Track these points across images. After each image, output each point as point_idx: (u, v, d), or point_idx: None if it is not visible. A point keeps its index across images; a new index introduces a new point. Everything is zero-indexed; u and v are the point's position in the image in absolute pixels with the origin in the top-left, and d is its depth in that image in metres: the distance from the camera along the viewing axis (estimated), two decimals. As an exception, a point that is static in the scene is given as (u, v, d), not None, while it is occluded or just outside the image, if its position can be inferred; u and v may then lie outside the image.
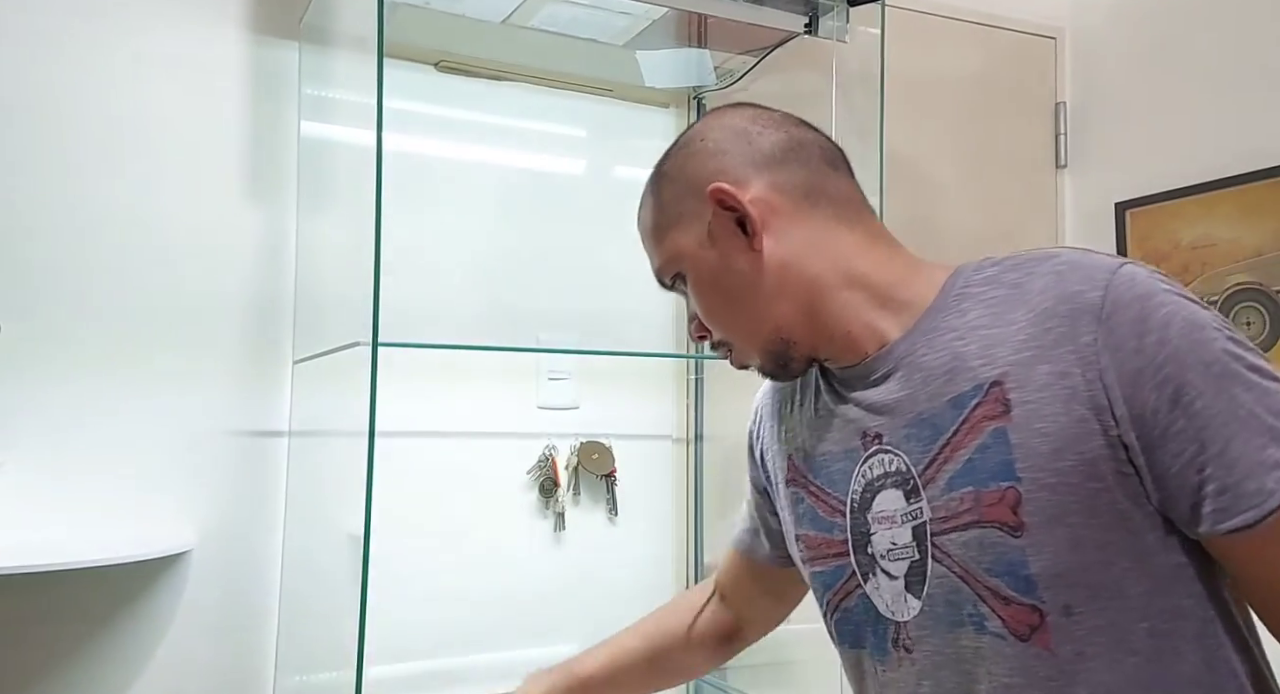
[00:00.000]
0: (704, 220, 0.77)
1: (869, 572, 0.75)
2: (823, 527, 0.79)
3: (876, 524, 0.73)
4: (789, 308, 0.76)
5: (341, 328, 1.22)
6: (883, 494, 0.73)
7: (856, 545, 0.76)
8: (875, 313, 0.75)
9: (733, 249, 0.76)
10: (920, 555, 0.70)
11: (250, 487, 1.45)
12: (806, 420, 0.83)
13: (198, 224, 1.43)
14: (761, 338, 0.78)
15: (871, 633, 0.75)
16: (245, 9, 1.48)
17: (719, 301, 0.79)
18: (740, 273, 0.76)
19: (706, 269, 0.78)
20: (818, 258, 0.76)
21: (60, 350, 1.35)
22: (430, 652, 1.54)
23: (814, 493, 0.81)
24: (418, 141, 1.59)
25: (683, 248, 0.80)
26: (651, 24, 1.54)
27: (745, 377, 1.38)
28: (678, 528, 1.75)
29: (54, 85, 1.37)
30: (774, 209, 0.75)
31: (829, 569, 0.79)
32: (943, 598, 0.69)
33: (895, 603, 0.72)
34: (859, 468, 0.75)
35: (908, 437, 0.71)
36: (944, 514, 0.68)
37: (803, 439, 0.83)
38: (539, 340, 1.65)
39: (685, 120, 1.81)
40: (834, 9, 1.49)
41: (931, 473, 0.69)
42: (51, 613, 1.33)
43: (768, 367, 0.81)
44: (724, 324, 0.80)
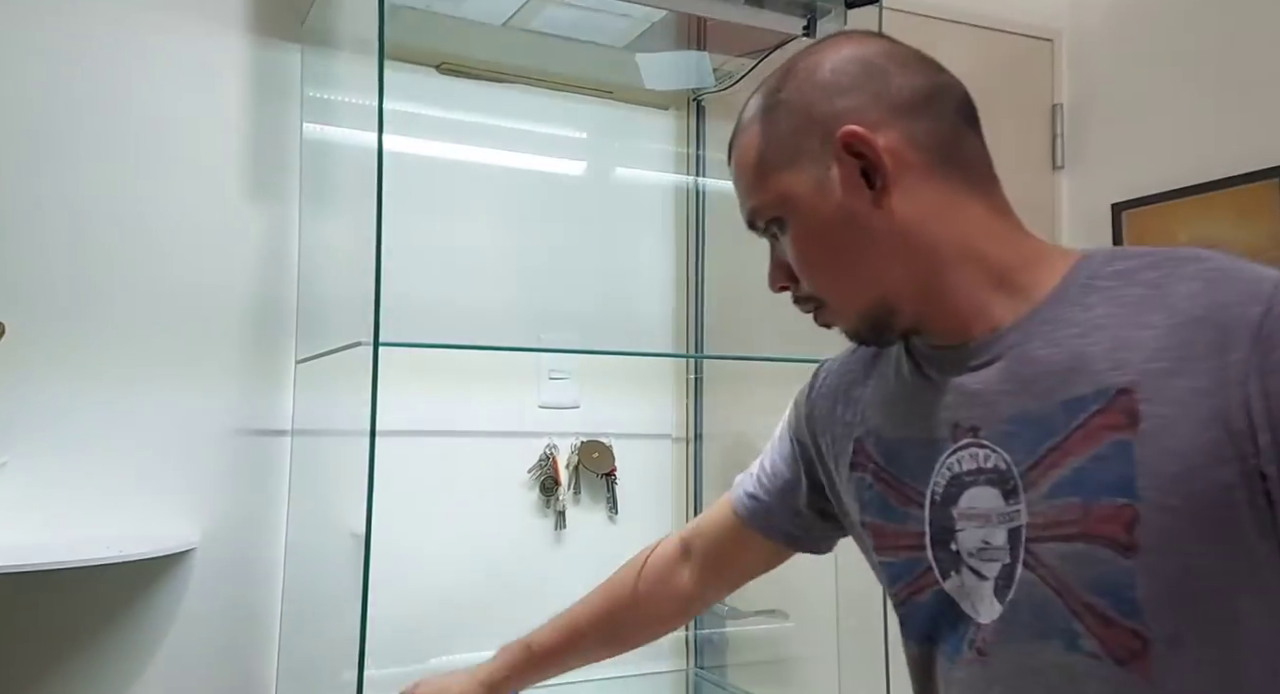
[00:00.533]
0: (824, 164, 0.69)
1: (951, 568, 0.70)
2: (894, 517, 0.75)
3: (964, 520, 0.69)
4: (902, 274, 0.70)
5: (343, 328, 1.23)
6: (974, 491, 0.68)
7: (937, 540, 0.71)
8: (989, 294, 0.69)
9: (853, 201, 0.69)
10: (1011, 559, 0.66)
11: (253, 486, 1.46)
12: (882, 403, 0.78)
13: (200, 225, 1.44)
14: (865, 302, 0.72)
15: (949, 629, 0.71)
16: (247, 11, 1.49)
17: (825, 257, 0.72)
18: (856, 229, 0.69)
19: (817, 220, 0.71)
20: (942, 225, 0.69)
21: (62, 350, 1.36)
22: (432, 650, 1.55)
23: (885, 481, 0.76)
24: (419, 143, 1.60)
25: (793, 191, 0.71)
26: (651, 26, 1.55)
27: (745, 377, 1.39)
28: (677, 526, 1.75)
29: (57, 87, 1.38)
30: (905, 164, 0.68)
31: (900, 561, 0.74)
32: (1029, 607, 0.65)
33: (979, 603, 0.68)
34: (944, 459, 0.70)
35: (1009, 434, 0.66)
36: (1043, 521, 0.64)
37: (876, 423, 0.78)
38: (539, 340, 1.65)
39: (685, 122, 1.82)
40: (832, 11, 1.50)
41: (1035, 476, 0.64)
42: (53, 612, 1.34)
43: (862, 332, 0.75)
44: (824, 281, 0.73)
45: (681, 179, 1.81)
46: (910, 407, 0.75)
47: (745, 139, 0.75)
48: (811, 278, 0.74)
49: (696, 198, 1.80)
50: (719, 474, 1.77)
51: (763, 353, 1.67)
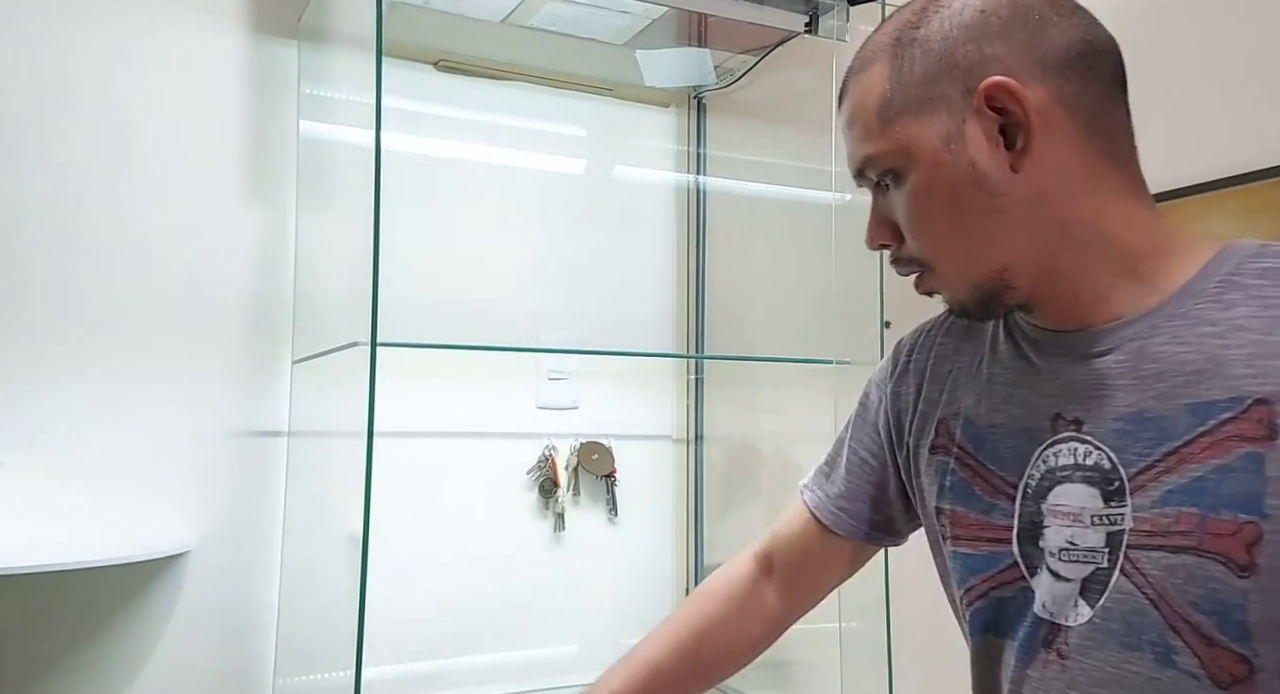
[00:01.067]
0: (960, 116, 0.63)
1: (1038, 565, 0.66)
2: (978, 507, 0.70)
3: (1052, 517, 0.65)
4: (1026, 248, 0.64)
5: (340, 328, 1.22)
6: (1066, 486, 0.64)
7: (1025, 536, 0.67)
8: (1114, 279, 0.64)
9: (988, 162, 0.62)
10: (1108, 564, 0.62)
11: (249, 487, 1.45)
12: (976, 385, 0.73)
13: (197, 224, 1.43)
14: (981, 273, 0.66)
15: (1022, 627, 0.67)
16: (244, 8, 1.48)
17: (944, 219, 0.65)
18: (985, 192, 0.63)
19: (943, 178, 0.64)
20: (1078, 199, 0.63)
21: (59, 351, 1.35)
22: (429, 652, 1.54)
23: (971, 467, 0.71)
24: (417, 141, 1.59)
25: (918, 142, 0.64)
26: (651, 23, 1.54)
27: (745, 377, 1.38)
28: (678, 528, 1.75)
29: (52, 85, 1.37)
30: (1051, 126, 0.62)
31: (980, 554, 0.70)
32: (1121, 615, 0.61)
33: (1059, 605, 0.65)
34: (1040, 451, 0.66)
35: (1120, 432, 0.62)
36: (1149, 528, 0.59)
37: (966, 405, 0.73)
38: (539, 340, 1.64)
39: (685, 120, 1.81)
40: (834, 8, 1.48)
41: (1144, 480, 0.60)
42: (50, 613, 1.33)
43: (969, 304, 0.68)
44: (938, 246, 0.67)
45: (682, 178, 1.80)
46: (1007, 392, 0.70)
47: (868, 78, 0.66)
48: (924, 240, 0.67)
49: (697, 197, 1.79)
50: (720, 475, 1.76)
51: (763, 353, 1.67)
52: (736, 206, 1.79)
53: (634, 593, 1.69)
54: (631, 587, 1.69)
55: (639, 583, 1.70)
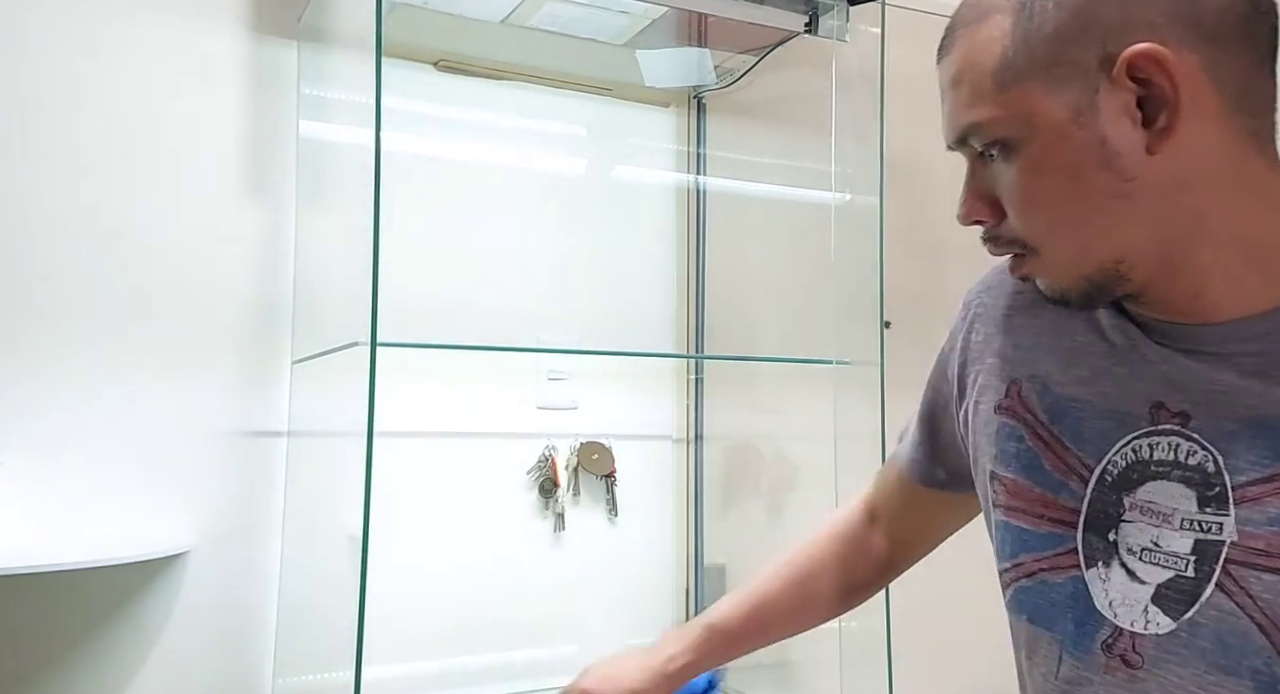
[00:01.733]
0: (1093, 84, 0.55)
1: (1101, 558, 0.61)
2: (1047, 483, 0.65)
3: (1135, 512, 0.60)
4: (1151, 239, 0.57)
5: (340, 328, 1.22)
6: (1159, 484, 0.59)
7: (1093, 523, 0.62)
8: (1247, 275, 0.57)
9: (1121, 140, 0.55)
10: (1197, 575, 0.57)
11: (249, 487, 1.44)
12: (1059, 348, 0.66)
13: (196, 223, 1.43)
14: (1093, 263, 0.59)
15: (1073, 621, 0.63)
16: (243, 8, 1.48)
17: (1062, 200, 0.58)
18: (1113, 174, 0.56)
19: (1065, 154, 0.56)
20: (1218, 188, 0.56)
21: (58, 350, 1.35)
22: (429, 652, 1.54)
23: (1044, 439, 0.65)
24: (417, 141, 1.59)
25: (1041, 111, 0.56)
26: (651, 23, 1.54)
27: (746, 377, 1.38)
28: (678, 528, 1.75)
29: (51, 84, 1.37)
30: (1197, 102, 0.54)
31: (1038, 531, 0.65)
32: (1215, 634, 0.56)
33: (1126, 608, 0.60)
34: (1132, 439, 0.60)
35: (1233, 436, 0.56)
36: (1262, 546, 0.54)
37: (1046, 368, 0.66)
38: (539, 340, 1.64)
39: (685, 120, 1.81)
40: (834, 8, 1.48)
41: (1258, 492, 0.55)
42: (49, 613, 1.33)
43: (1073, 294, 0.61)
44: (1050, 229, 0.60)
45: (682, 177, 1.80)
46: (1100, 365, 0.63)
47: (983, 32, 0.59)
48: (1033, 222, 0.60)
49: (697, 197, 1.79)
50: (720, 475, 1.76)
51: (763, 353, 1.67)
52: (736, 206, 1.79)
53: (634, 593, 1.69)
54: (631, 587, 1.69)
55: (639, 583, 1.70)
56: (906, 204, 1.65)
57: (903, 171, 1.62)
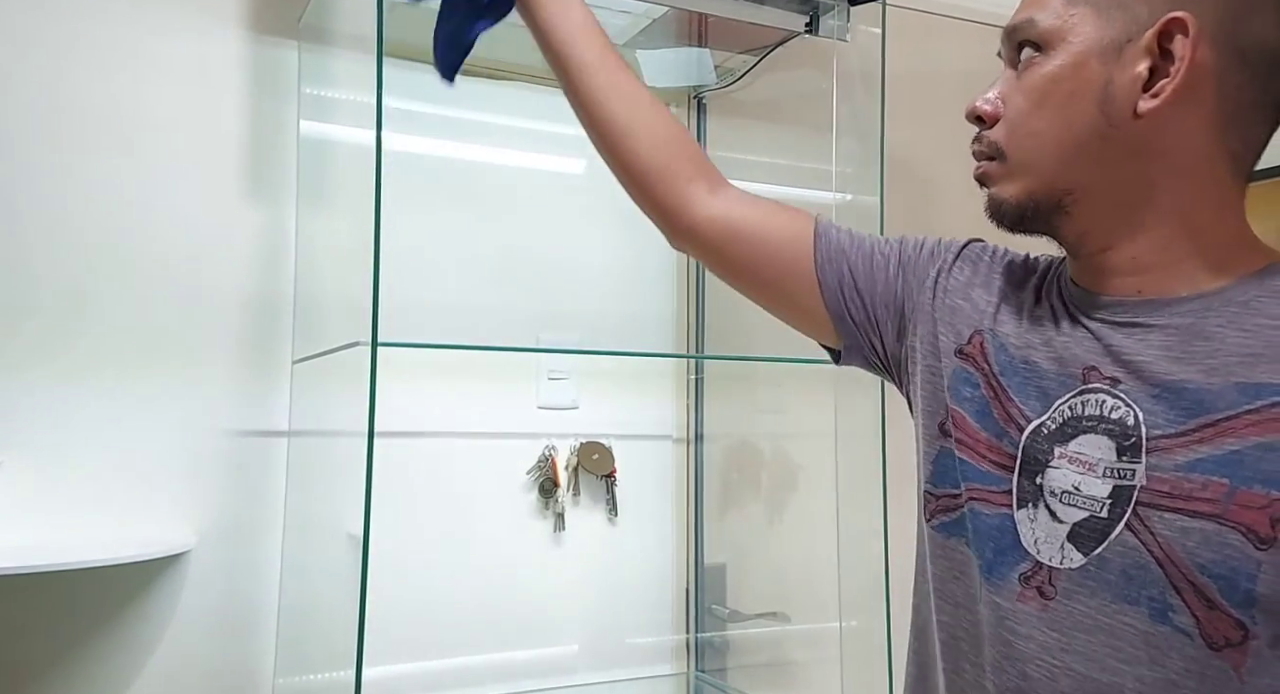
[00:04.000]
0: (1128, 35, 0.61)
1: (1028, 500, 0.68)
2: (992, 429, 0.71)
3: (1064, 461, 0.66)
4: (1104, 188, 0.64)
5: (341, 328, 1.22)
6: (1088, 436, 0.65)
7: (1025, 469, 0.68)
8: (1182, 258, 0.64)
9: (1121, 89, 0.62)
10: (1109, 516, 0.63)
11: (249, 487, 1.44)
12: (1019, 318, 0.73)
13: (197, 224, 1.43)
14: (1045, 181, 0.66)
15: (994, 552, 0.69)
16: (244, 8, 1.48)
17: (1050, 113, 0.64)
18: (1102, 114, 0.62)
19: (1076, 77, 0.63)
20: (1182, 176, 0.63)
21: (59, 350, 1.35)
22: (429, 652, 1.54)
23: (994, 389, 0.71)
24: (418, 141, 1.59)
25: (1080, 34, 0.63)
26: (652, 23, 1.54)
27: (746, 377, 1.38)
28: (678, 528, 1.75)
29: (52, 85, 1.37)
30: (1196, 96, 0.61)
31: (979, 468, 0.71)
32: (1120, 568, 0.62)
33: (1046, 545, 0.66)
34: (1068, 398, 0.67)
35: (1155, 398, 0.62)
36: (1168, 490, 0.61)
37: (1007, 329, 0.73)
38: (539, 340, 1.64)
39: (686, 119, 1.81)
40: (835, 8, 1.48)
41: (1172, 444, 0.61)
42: (49, 613, 1.33)
43: (1013, 206, 0.68)
44: (1026, 134, 0.66)
45: (682, 177, 1.79)
46: (1046, 335, 0.70)
47: None
48: (1014, 123, 0.66)
49: (697, 196, 1.79)
50: (720, 475, 1.76)
51: (763, 353, 1.67)
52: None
53: (634, 593, 1.69)
54: (631, 587, 1.69)
55: (639, 583, 1.70)
56: (907, 204, 1.65)
57: (903, 171, 1.63)
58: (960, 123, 0.72)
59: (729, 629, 1.72)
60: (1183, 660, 0.60)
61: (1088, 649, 0.63)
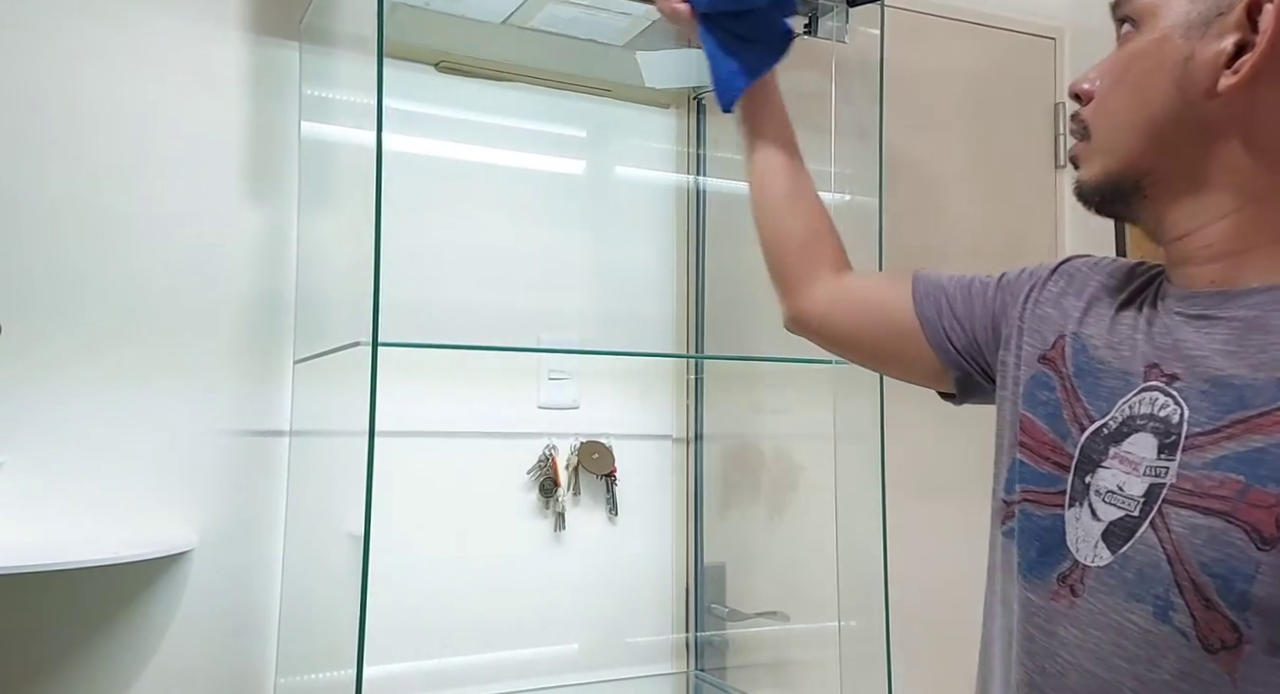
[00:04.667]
0: (1217, 9, 0.59)
1: (1078, 500, 0.67)
2: (1060, 431, 0.70)
3: (1115, 462, 0.64)
4: (1183, 170, 0.62)
5: (342, 328, 1.22)
6: (1139, 435, 0.63)
7: (1079, 469, 0.67)
8: (1259, 245, 0.62)
9: (1201, 67, 0.59)
10: (1140, 515, 0.61)
11: (251, 487, 1.45)
12: (1104, 319, 0.71)
13: (198, 224, 1.43)
14: (1123, 163, 0.64)
15: (1039, 551, 0.68)
16: (245, 9, 1.48)
17: (1130, 92, 0.63)
18: (1180, 91, 0.60)
19: (1158, 54, 0.61)
20: (1265, 158, 0.60)
21: (60, 350, 1.35)
22: (430, 651, 1.54)
23: (1068, 392, 0.70)
24: (418, 142, 1.59)
25: (1167, 9, 0.62)
26: (651, 24, 1.54)
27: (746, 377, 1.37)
28: (678, 528, 1.75)
29: (53, 86, 1.37)
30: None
31: (1040, 471, 0.70)
32: (1137, 566, 0.61)
33: (1083, 543, 0.65)
34: (1131, 396, 0.65)
35: (1204, 394, 0.61)
36: (1191, 487, 0.59)
37: (1092, 331, 0.71)
38: (539, 340, 1.65)
39: (685, 121, 1.81)
40: (833, 9, 1.49)
41: (1204, 442, 0.59)
42: (51, 613, 1.33)
43: (1094, 188, 0.67)
44: (1107, 113, 0.65)
45: (682, 178, 1.80)
46: (1126, 333, 0.68)
47: None
48: (1099, 101, 0.66)
49: (697, 197, 1.79)
50: (720, 475, 1.76)
51: (763, 353, 1.67)
52: (736, 207, 1.79)
53: (634, 593, 1.70)
54: (631, 587, 1.69)
55: (639, 583, 1.70)
56: (906, 205, 1.65)
57: (902, 172, 1.63)
58: (959, 123, 0.72)
59: (729, 628, 1.72)
60: (1178, 661, 0.59)
61: (1098, 647, 0.63)
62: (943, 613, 1.73)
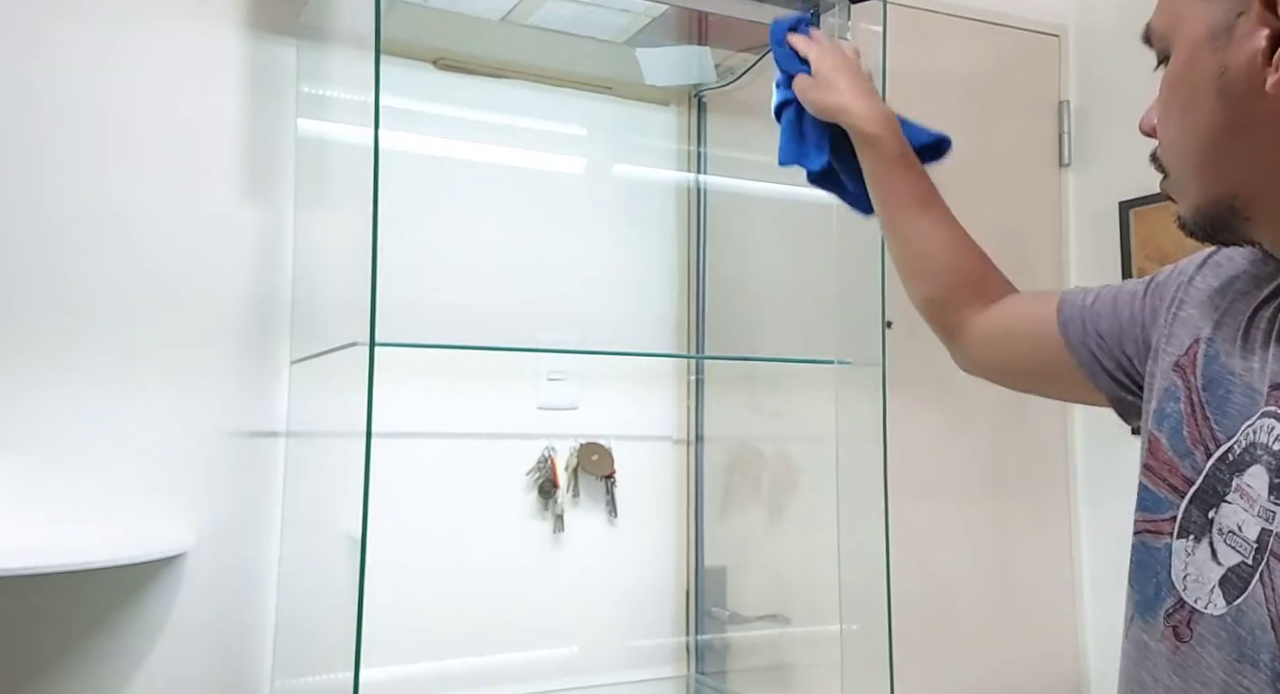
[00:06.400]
0: (1238, 9, 0.54)
1: (1194, 533, 0.60)
2: (1180, 450, 0.63)
3: (1237, 494, 0.57)
4: (1265, 180, 0.56)
5: (339, 328, 1.21)
6: (1258, 467, 0.56)
7: (1199, 498, 0.60)
8: None
9: (1241, 70, 0.54)
10: (1253, 563, 0.55)
11: (247, 488, 1.44)
12: (1241, 319, 0.63)
13: (194, 223, 1.42)
14: (1206, 193, 0.59)
15: (1153, 586, 0.62)
16: (242, 7, 1.47)
17: (1180, 121, 0.59)
18: (1230, 103, 0.55)
19: (1192, 73, 0.57)
20: None
21: (55, 350, 1.34)
22: (428, 654, 1.53)
23: (1193, 405, 0.63)
24: (416, 140, 1.58)
25: (1186, 23, 0.57)
26: (651, 21, 1.53)
27: (746, 378, 1.36)
28: (678, 529, 1.74)
29: (49, 83, 1.36)
30: None
31: (1157, 494, 0.64)
32: (1251, 623, 0.54)
33: (1196, 584, 0.59)
34: (1255, 419, 0.58)
35: None
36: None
37: (1223, 334, 0.63)
38: (539, 340, 1.63)
39: (686, 119, 1.80)
40: (836, 6, 1.48)
41: None
42: (46, 615, 1.32)
43: (1192, 224, 0.60)
44: (1170, 147, 0.61)
45: (683, 177, 1.79)
46: (1260, 338, 0.60)
47: None
48: (1162, 138, 0.61)
49: (698, 196, 1.78)
50: (720, 476, 1.75)
51: (764, 353, 1.66)
52: (737, 206, 1.78)
53: (634, 594, 1.69)
54: (631, 588, 1.69)
55: (639, 584, 1.69)
56: (908, 203, 1.63)
57: (905, 171, 1.61)
58: (962, 121, 0.71)
59: (729, 631, 1.71)
60: None
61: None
62: (946, 616, 1.72)
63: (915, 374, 1.49)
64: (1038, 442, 1.90)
